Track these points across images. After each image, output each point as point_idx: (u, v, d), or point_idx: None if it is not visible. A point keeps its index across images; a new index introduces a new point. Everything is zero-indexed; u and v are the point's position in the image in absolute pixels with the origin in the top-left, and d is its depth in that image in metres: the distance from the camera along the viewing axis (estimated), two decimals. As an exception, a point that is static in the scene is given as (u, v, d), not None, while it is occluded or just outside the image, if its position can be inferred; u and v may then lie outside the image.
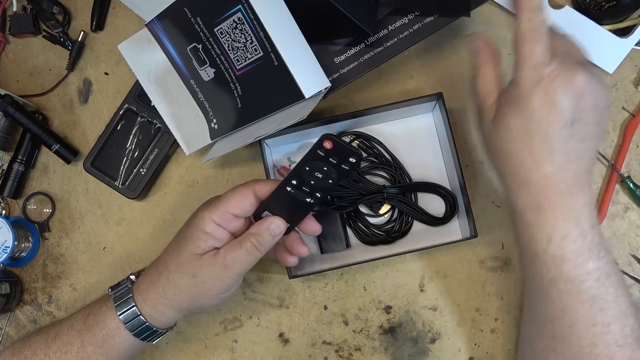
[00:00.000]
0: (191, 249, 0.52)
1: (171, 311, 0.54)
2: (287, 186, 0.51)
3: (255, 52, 0.55)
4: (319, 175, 0.50)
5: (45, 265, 0.68)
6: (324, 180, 0.50)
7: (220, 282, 0.52)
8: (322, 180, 0.50)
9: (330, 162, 0.49)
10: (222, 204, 0.52)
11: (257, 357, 0.65)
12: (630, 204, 0.64)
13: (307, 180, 0.50)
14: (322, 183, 0.50)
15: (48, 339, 0.55)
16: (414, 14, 0.58)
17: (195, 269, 0.51)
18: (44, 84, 0.69)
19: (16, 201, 0.68)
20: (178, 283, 0.52)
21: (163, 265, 0.54)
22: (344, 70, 0.60)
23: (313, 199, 0.52)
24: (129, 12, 0.67)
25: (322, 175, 0.50)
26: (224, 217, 0.52)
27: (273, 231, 0.52)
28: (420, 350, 0.64)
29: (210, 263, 0.51)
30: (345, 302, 0.65)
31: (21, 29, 0.68)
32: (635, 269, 0.63)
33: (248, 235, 0.52)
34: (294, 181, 0.51)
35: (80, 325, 0.55)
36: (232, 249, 0.51)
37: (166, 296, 0.53)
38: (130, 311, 0.53)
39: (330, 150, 0.48)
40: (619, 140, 0.64)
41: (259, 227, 0.52)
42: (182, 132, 0.63)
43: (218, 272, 0.51)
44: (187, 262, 0.51)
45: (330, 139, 0.47)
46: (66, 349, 0.54)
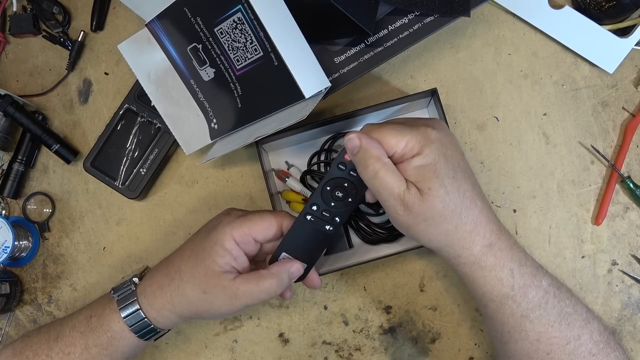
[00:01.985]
0: (208, 264, 0.51)
1: (174, 316, 0.54)
2: (308, 214, 0.52)
3: (255, 52, 0.55)
4: (339, 195, 0.51)
5: (45, 265, 0.68)
6: (344, 200, 0.51)
7: (228, 307, 0.52)
8: (342, 200, 0.51)
9: (351, 175, 0.50)
10: (247, 224, 0.51)
11: (257, 357, 0.65)
12: (630, 204, 0.64)
13: (328, 201, 0.51)
14: (342, 204, 0.52)
15: (50, 340, 0.55)
16: (414, 14, 0.58)
17: (208, 286, 0.51)
18: (44, 84, 0.69)
19: (16, 201, 0.68)
20: (188, 294, 0.52)
21: (176, 271, 0.53)
22: (344, 70, 0.60)
23: (333, 225, 0.53)
24: (129, 12, 0.67)
25: (342, 193, 0.51)
26: (244, 238, 0.52)
27: (292, 274, 0.53)
28: (420, 350, 0.64)
29: (223, 287, 0.51)
30: (345, 302, 0.65)
31: (21, 29, 0.68)
32: (635, 269, 0.63)
33: (268, 275, 0.51)
34: (314, 207, 0.52)
35: (83, 326, 0.55)
36: (248, 282, 0.51)
37: (172, 303, 0.53)
38: (135, 314, 0.53)
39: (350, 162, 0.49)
40: (619, 140, 0.64)
41: (279, 269, 0.52)
42: (182, 132, 0.63)
43: (229, 299, 0.51)
44: (202, 277, 0.51)
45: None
46: (69, 350, 0.54)
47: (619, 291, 0.63)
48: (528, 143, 0.65)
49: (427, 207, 0.47)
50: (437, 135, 0.48)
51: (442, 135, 0.49)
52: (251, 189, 0.66)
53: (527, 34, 0.65)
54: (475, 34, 0.66)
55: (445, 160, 0.48)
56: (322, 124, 0.61)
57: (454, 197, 0.48)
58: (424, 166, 0.47)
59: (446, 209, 0.47)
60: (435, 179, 0.47)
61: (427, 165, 0.47)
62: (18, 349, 0.56)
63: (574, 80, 0.65)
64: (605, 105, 0.65)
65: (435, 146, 0.48)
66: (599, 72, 0.65)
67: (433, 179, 0.47)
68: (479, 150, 0.65)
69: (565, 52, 0.65)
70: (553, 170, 0.65)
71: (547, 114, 0.65)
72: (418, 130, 0.48)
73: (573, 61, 0.65)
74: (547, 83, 0.65)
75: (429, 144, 0.47)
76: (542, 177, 0.65)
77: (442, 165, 0.47)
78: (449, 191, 0.47)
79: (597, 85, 0.65)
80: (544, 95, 0.65)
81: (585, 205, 0.64)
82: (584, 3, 0.63)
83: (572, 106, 0.65)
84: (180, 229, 0.67)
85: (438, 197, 0.47)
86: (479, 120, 0.65)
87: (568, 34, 0.64)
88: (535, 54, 0.65)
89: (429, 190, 0.47)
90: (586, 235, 0.64)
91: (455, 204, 0.48)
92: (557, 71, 0.65)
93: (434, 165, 0.47)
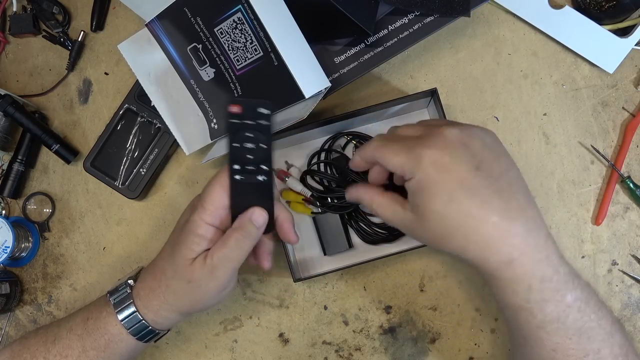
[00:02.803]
0: (185, 254, 0.51)
1: (174, 315, 0.54)
2: (235, 175, 0.50)
3: (255, 52, 0.55)
4: (251, 146, 0.49)
5: (45, 265, 0.68)
6: (258, 149, 0.49)
7: (214, 283, 0.51)
8: (256, 150, 0.49)
9: (249, 125, 0.48)
10: (207, 202, 0.51)
11: (257, 357, 0.65)
12: (630, 204, 0.64)
13: (244, 157, 0.49)
14: (258, 152, 0.50)
15: (47, 342, 0.55)
16: (414, 14, 0.58)
17: (189, 274, 0.51)
18: (44, 84, 0.69)
19: (16, 201, 0.68)
20: (176, 289, 0.52)
21: (160, 272, 0.53)
22: (344, 70, 0.60)
23: (263, 174, 0.51)
24: (129, 12, 0.67)
25: (252, 144, 0.49)
26: (214, 214, 0.51)
27: (256, 221, 0.51)
28: (420, 350, 0.64)
29: (200, 267, 0.50)
30: (345, 302, 0.65)
31: (21, 29, 0.68)
32: (635, 269, 0.63)
33: (231, 232, 0.51)
34: (235, 166, 0.50)
35: (80, 329, 0.55)
36: (218, 249, 0.50)
37: (167, 302, 0.53)
38: (132, 316, 0.53)
39: (241, 113, 0.47)
40: (619, 140, 0.64)
41: (240, 221, 0.51)
42: (182, 132, 0.63)
43: (209, 274, 0.50)
44: (182, 268, 0.51)
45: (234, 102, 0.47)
46: (66, 353, 0.54)
47: (619, 291, 0.63)
48: (528, 143, 0.65)
49: (426, 231, 0.47)
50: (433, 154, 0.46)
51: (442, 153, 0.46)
52: (251, 189, 0.66)
53: (527, 34, 0.65)
54: (475, 34, 0.66)
55: (438, 182, 0.46)
56: (322, 124, 0.61)
57: (451, 221, 0.46)
58: (416, 192, 0.47)
59: (445, 231, 0.46)
60: (427, 205, 0.46)
61: (417, 191, 0.46)
62: (16, 350, 0.56)
63: (574, 80, 0.65)
64: (605, 105, 0.65)
65: (427, 169, 0.46)
66: (599, 72, 0.65)
67: (425, 206, 0.46)
68: (479, 150, 0.65)
69: (565, 52, 0.65)
70: (553, 170, 0.65)
71: (547, 114, 0.65)
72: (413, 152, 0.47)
73: (573, 61, 0.65)
74: (547, 83, 0.65)
75: (420, 167, 0.46)
76: (542, 177, 0.65)
77: (434, 189, 0.46)
78: (445, 216, 0.46)
79: (597, 85, 0.65)
80: (544, 95, 0.65)
81: (585, 205, 0.64)
82: (584, 3, 0.63)
83: (572, 106, 0.65)
84: (180, 229, 0.67)
85: (433, 222, 0.46)
86: (479, 120, 0.65)
87: (568, 34, 0.64)
88: (535, 54, 0.65)
89: (422, 217, 0.47)
90: (586, 235, 0.64)
91: (455, 227, 0.46)
92: (557, 71, 0.65)
93: (426, 190, 0.46)
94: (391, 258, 0.64)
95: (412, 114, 0.65)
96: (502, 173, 0.47)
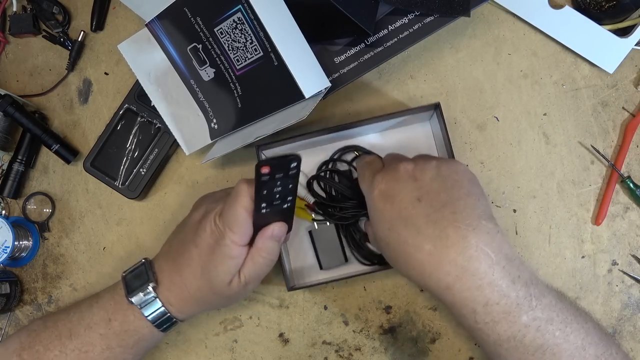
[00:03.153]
0: (224, 279, 0.53)
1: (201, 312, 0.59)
2: (261, 210, 0.51)
3: (255, 52, 0.55)
4: (279, 190, 0.50)
5: (45, 265, 0.68)
6: (285, 189, 0.51)
7: (246, 293, 0.57)
8: (283, 190, 0.51)
9: (278, 178, 0.49)
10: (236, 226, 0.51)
11: (257, 357, 0.65)
12: (630, 204, 0.64)
13: (272, 198, 0.51)
14: (285, 191, 0.51)
15: (62, 337, 0.55)
16: (414, 14, 0.58)
17: (227, 292, 0.54)
18: (44, 84, 0.69)
19: (16, 201, 0.68)
20: (213, 302, 0.56)
21: (195, 289, 0.54)
22: (344, 70, 0.60)
23: (288, 203, 0.53)
24: (129, 12, 0.67)
25: (280, 189, 0.50)
26: (243, 236, 0.52)
27: (277, 237, 0.53)
28: (420, 350, 0.64)
29: (237, 285, 0.54)
30: (345, 302, 0.65)
31: (21, 29, 0.68)
32: (635, 269, 0.63)
33: (256, 252, 0.53)
34: (263, 204, 0.51)
35: (102, 329, 0.55)
36: (248, 268, 0.53)
37: (201, 307, 0.57)
38: (164, 318, 0.55)
39: (270, 172, 0.47)
40: (619, 140, 0.64)
41: (263, 240, 0.53)
42: (182, 132, 0.63)
43: (243, 289, 0.54)
44: (221, 289, 0.54)
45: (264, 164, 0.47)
46: (87, 349, 0.55)
47: (619, 291, 0.63)
48: (528, 143, 0.65)
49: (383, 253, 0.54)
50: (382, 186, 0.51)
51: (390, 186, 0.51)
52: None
53: (527, 34, 0.65)
54: (475, 34, 0.66)
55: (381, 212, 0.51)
56: (323, 133, 0.61)
57: (393, 247, 0.50)
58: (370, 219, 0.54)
59: (392, 256, 0.52)
60: (375, 232, 0.52)
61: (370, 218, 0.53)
62: (26, 342, 0.55)
63: (574, 80, 0.65)
64: (605, 105, 0.65)
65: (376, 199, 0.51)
66: (599, 72, 0.65)
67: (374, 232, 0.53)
68: (479, 150, 0.65)
69: (565, 52, 0.65)
70: (553, 170, 0.65)
71: (547, 114, 0.65)
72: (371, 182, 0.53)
73: (573, 61, 0.65)
74: (547, 83, 0.65)
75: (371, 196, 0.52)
76: (542, 177, 0.65)
77: (378, 218, 0.51)
78: (388, 243, 0.51)
79: (597, 85, 0.65)
80: (544, 95, 0.65)
81: (585, 205, 0.64)
82: (584, 3, 0.63)
83: (572, 106, 0.65)
84: (180, 229, 0.67)
85: (382, 247, 0.53)
86: (479, 120, 0.65)
87: (568, 34, 0.64)
88: (535, 54, 0.65)
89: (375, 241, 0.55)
90: (586, 235, 0.64)
91: (397, 253, 0.50)
92: (557, 71, 0.65)
93: (373, 219, 0.53)
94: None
95: (415, 125, 0.65)
96: (446, 203, 0.48)
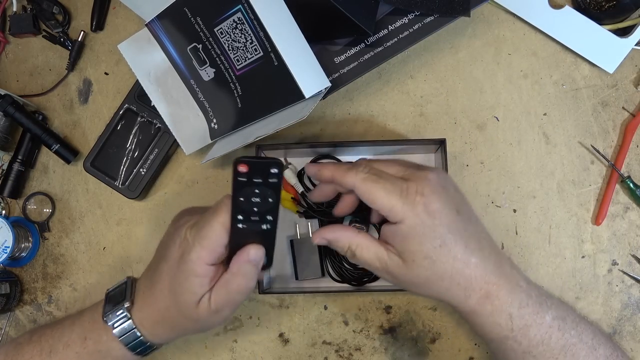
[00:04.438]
0: (188, 298, 0.49)
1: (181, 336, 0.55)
2: (237, 223, 0.48)
3: (255, 52, 0.55)
4: (257, 200, 0.47)
5: (45, 265, 0.68)
6: (264, 202, 0.48)
7: (220, 319, 0.52)
8: (262, 203, 0.48)
9: (256, 182, 0.47)
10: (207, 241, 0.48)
11: (257, 357, 0.65)
12: (630, 204, 0.64)
13: (250, 209, 0.48)
14: (265, 205, 0.48)
15: (42, 353, 0.54)
16: (414, 14, 0.58)
17: (195, 315, 0.50)
18: (44, 84, 0.69)
19: (16, 201, 0.68)
20: (184, 325, 0.52)
21: (165, 308, 0.52)
22: (344, 70, 0.60)
23: (268, 223, 0.49)
24: (129, 12, 0.67)
25: (259, 198, 0.47)
26: (213, 253, 0.49)
27: (254, 260, 0.49)
28: (420, 350, 0.64)
29: (206, 309, 0.50)
30: (345, 302, 0.65)
31: (21, 29, 0.68)
32: (635, 269, 0.63)
33: (231, 276, 0.49)
34: (239, 216, 0.48)
35: (77, 347, 0.54)
36: (220, 294, 0.49)
37: (175, 332, 0.53)
38: (137, 342, 0.53)
39: (249, 172, 0.46)
40: (619, 140, 0.64)
41: (238, 263, 0.49)
42: (182, 132, 0.63)
43: (215, 315, 0.50)
44: (188, 311, 0.50)
45: (242, 161, 0.45)
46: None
47: (619, 291, 0.63)
48: (528, 143, 0.65)
49: (413, 276, 0.48)
50: (426, 200, 0.46)
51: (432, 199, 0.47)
52: (251, 189, 0.66)
53: (527, 34, 0.65)
54: (475, 34, 0.66)
55: (431, 228, 0.47)
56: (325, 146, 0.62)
57: (441, 265, 0.47)
58: (407, 237, 0.47)
59: (434, 275, 0.48)
60: (419, 251, 0.47)
61: (409, 236, 0.47)
62: (10, 355, 0.55)
63: (574, 80, 0.65)
64: (605, 105, 0.65)
65: (420, 216, 0.46)
66: (599, 72, 0.65)
67: (417, 251, 0.47)
68: (479, 150, 0.65)
69: (565, 52, 0.65)
70: (553, 170, 0.65)
71: (547, 114, 0.65)
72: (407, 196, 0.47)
73: (573, 61, 0.65)
74: (547, 83, 0.65)
75: (414, 213, 0.46)
76: (542, 177, 0.65)
77: (428, 235, 0.46)
78: (435, 260, 0.47)
79: (597, 85, 0.65)
80: (544, 95, 0.65)
81: (585, 205, 0.64)
82: (584, 3, 0.63)
83: (572, 106, 0.65)
84: (180, 229, 0.67)
85: (422, 267, 0.47)
86: (479, 120, 0.65)
87: (568, 34, 0.64)
88: (535, 54, 0.65)
89: (412, 262, 0.47)
90: (586, 235, 0.64)
91: (443, 271, 0.47)
92: (557, 71, 0.65)
93: (418, 237, 0.47)
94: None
95: (418, 155, 0.65)
96: (471, 214, 0.50)
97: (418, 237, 0.47)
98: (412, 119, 0.66)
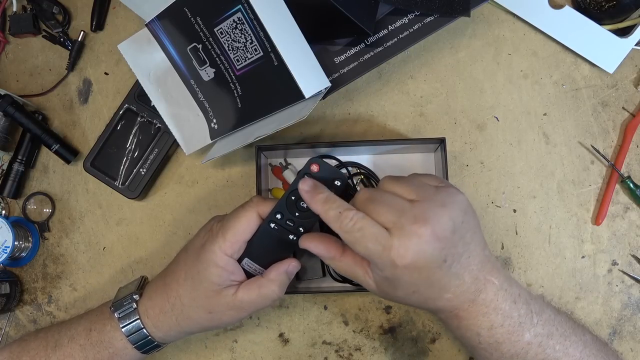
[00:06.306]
0: (207, 286, 0.51)
1: (181, 334, 0.55)
2: (272, 222, 0.50)
3: (255, 52, 0.55)
4: (304, 205, 0.49)
5: (45, 265, 0.68)
6: (308, 213, 0.49)
7: (235, 319, 0.53)
8: (306, 211, 0.49)
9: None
10: (231, 233, 0.50)
11: (257, 357, 0.65)
12: (630, 204, 0.64)
13: (292, 211, 0.49)
14: (306, 215, 0.49)
15: (47, 348, 0.55)
16: (414, 14, 0.58)
17: (213, 306, 0.51)
18: (44, 84, 0.69)
19: (16, 201, 0.68)
20: (193, 317, 0.52)
21: (175, 297, 0.52)
22: (344, 70, 0.60)
23: (296, 235, 0.51)
24: (129, 12, 0.67)
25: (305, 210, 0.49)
26: (235, 246, 0.51)
27: (291, 273, 0.52)
28: (420, 350, 0.64)
29: (227, 304, 0.51)
30: (345, 302, 0.65)
31: (21, 29, 0.68)
32: (635, 269, 0.63)
33: (268, 282, 0.51)
34: (278, 215, 0.49)
35: (82, 339, 0.55)
36: (250, 293, 0.51)
37: (179, 325, 0.53)
38: (139, 333, 0.53)
39: (316, 173, 0.47)
40: (619, 140, 0.64)
41: (277, 273, 0.52)
42: (182, 132, 0.63)
43: (235, 313, 0.51)
44: (204, 299, 0.51)
45: (317, 161, 0.47)
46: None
47: (619, 291, 0.63)
48: (528, 143, 0.65)
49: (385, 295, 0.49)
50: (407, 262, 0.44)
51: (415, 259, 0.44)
52: (251, 189, 0.66)
53: (527, 34, 0.65)
54: (475, 34, 0.66)
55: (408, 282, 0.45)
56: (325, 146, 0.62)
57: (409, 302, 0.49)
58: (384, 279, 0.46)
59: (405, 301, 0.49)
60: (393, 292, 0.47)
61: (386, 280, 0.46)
62: (15, 352, 0.56)
63: (574, 80, 0.65)
64: (605, 105, 0.65)
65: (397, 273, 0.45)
66: (599, 72, 0.65)
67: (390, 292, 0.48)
68: (479, 150, 0.65)
69: (565, 52, 0.65)
70: (553, 170, 0.65)
71: (547, 114, 0.65)
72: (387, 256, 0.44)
73: (573, 61, 0.65)
74: (547, 83, 0.65)
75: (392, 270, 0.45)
76: (542, 177, 0.65)
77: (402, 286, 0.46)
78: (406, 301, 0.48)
79: (597, 85, 0.65)
80: (544, 95, 0.65)
81: (585, 205, 0.64)
82: (584, 3, 0.63)
83: (572, 106, 0.65)
84: (180, 229, 0.67)
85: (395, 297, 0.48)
86: (479, 120, 0.65)
87: (568, 34, 0.64)
88: (535, 54, 0.65)
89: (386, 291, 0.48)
90: (586, 235, 0.64)
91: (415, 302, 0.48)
92: (557, 71, 0.65)
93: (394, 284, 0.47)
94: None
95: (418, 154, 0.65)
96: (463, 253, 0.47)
97: (393, 284, 0.46)
98: (412, 119, 0.66)
